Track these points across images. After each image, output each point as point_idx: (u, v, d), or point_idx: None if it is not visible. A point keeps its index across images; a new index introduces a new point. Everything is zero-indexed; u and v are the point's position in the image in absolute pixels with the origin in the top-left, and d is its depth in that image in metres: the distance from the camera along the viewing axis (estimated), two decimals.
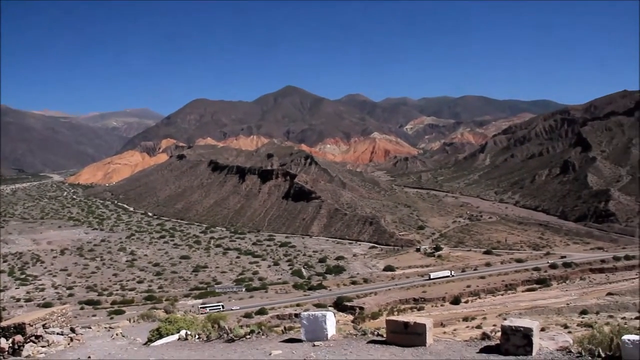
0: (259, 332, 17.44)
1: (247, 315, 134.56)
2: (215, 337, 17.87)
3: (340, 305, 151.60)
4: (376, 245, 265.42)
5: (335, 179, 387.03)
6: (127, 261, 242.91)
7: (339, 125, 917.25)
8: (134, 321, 29.99)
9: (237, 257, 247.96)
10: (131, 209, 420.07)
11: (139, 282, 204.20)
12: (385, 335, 14.85)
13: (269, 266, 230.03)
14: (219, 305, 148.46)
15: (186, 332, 18.71)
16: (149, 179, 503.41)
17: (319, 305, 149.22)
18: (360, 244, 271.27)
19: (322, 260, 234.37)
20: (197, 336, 18.32)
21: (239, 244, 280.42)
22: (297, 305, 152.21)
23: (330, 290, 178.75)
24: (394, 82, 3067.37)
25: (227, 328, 18.08)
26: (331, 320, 15.64)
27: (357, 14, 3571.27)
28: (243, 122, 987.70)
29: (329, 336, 15.42)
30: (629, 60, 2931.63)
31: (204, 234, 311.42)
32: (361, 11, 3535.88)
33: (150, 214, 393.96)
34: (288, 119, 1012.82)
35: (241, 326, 19.80)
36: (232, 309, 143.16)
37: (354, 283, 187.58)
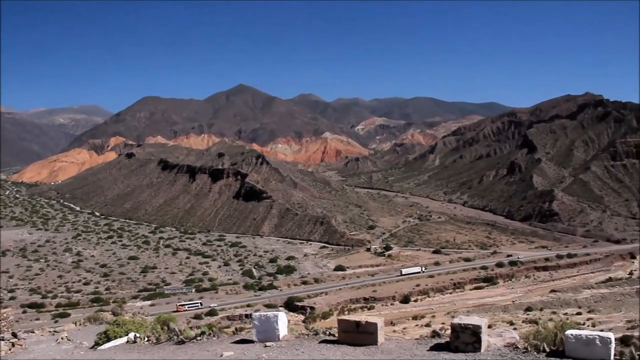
0: (209, 334, 17.24)
1: (197, 317, 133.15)
2: (165, 339, 17.58)
3: (291, 305, 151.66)
4: (327, 245, 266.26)
5: (287, 179, 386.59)
6: (73, 262, 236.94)
7: (290, 124, 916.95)
8: (80, 324, 29.20)
9: (187, 258, 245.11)
10: (78, 208, 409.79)
11: (85, 283, 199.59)
12: (337, 335, 14.89)
13: (219, 267, 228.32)
14: (197, 303, 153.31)
15: (135, 335, 18.36)
16: (97, 178, 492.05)
17: (269, 306, 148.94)
18: (311, 244, 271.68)
19: (273, 261, 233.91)
20: (146, 339, 17.99)
21: (189, 244, 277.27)
22: (248, 305, 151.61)
23: (281, 290, 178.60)
24: (346, 82, 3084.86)
25: (177, 330, 17.83)
26: (283, 321, 15.58)
27: (308, 13, 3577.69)
28: (194, 121, 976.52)
29: (280, 336, 15.36)
30: (573, 65, 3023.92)
31: (153, 234, 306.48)
32: (312, 11, 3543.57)
33: (97, 213, 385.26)
34: (240, 118, 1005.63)
35: (191, 328, 19.55)
36: (209, 307, 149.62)
37: (304, 283, 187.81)
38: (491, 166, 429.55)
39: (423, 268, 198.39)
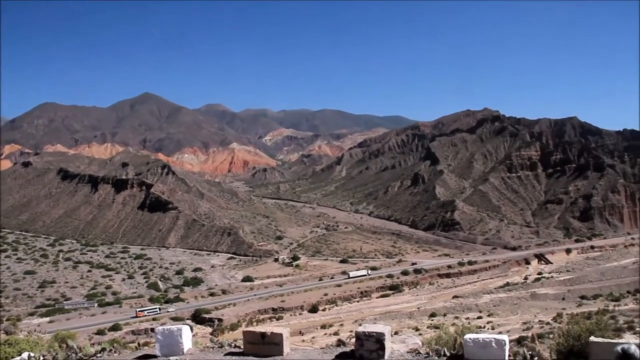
0: (111, 350, 16.63)
1: (100, 332, 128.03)
2: (62, 357, 16.77)
3: (198, 317, 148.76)
4: (235, 256, 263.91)
5: (193, 189, 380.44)
6: None
7: (197, 134, 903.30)
8: None
9: (89, 271, 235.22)
10: None
11: None
12: (242, 347, 14.77)
13: (124, 280, 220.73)
14: (156, 308, 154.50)
15: (29, 355, 17.37)
16: None
17: (176, 319, 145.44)
18: (218, 255, 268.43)
19: (179, 272, 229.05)
20: (41, 358, 17.11)
21: (91, 257, 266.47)
22: (154, 319, 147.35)
23: (188, 302, 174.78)
24: (254, 93, 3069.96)
25: (75, 347, 17.07)
26: (187, 334, 15.28)
27: (214, 20, 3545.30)
28: (97, 129, 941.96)
29: (185, 350, 15.06)
30: (472, 82, 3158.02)
31: (52, 247, 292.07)
32: (217, 19, 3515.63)
33: None
34: (145, 127, 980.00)
35: (92, 344, 18.77)
36: (168, 311, 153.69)
37: (212, 295, 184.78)
38: (396, 177, 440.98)
39: (369, 271, 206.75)
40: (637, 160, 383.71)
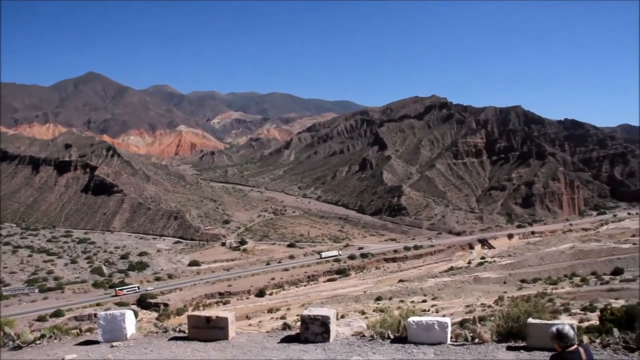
0: (51, 336, 16.21)
1: (41, 319, 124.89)
2: None
3: (144, 302, 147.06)
4: (181, 240, 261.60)
5: (139, 172, 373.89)
6: None
7: (144, 116, 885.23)
8: None
9: (29, 256, 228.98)
10: None
11: None
12: (187, 331, 14.66)
13: (66, 264, 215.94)
14: (136, 287, 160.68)
15: None
16: None
17: (121, 304, 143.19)
18: (164, 239, 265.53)
19: (124, 257, 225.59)
20: None
21: (32, 241, 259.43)
22: (98, 305, 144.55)
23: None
24: (202, 74, 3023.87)
25: (12, 334, 16.58)
26: (130, 319, 15.06)
27: (163, 4, 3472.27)
28: (38, 109, 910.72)
29: (128, 335, 14.84)
30: (421, 69, 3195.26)
31: None
32: (168, 2, 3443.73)
33: None
34: (89, 108, 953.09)
35: (32, 331, 18.29)
36: (147, 290, 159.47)
37: (158, 279, 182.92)
38: (344, 162, 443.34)
39: (339, 251, 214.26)
40: (577, 149, 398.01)
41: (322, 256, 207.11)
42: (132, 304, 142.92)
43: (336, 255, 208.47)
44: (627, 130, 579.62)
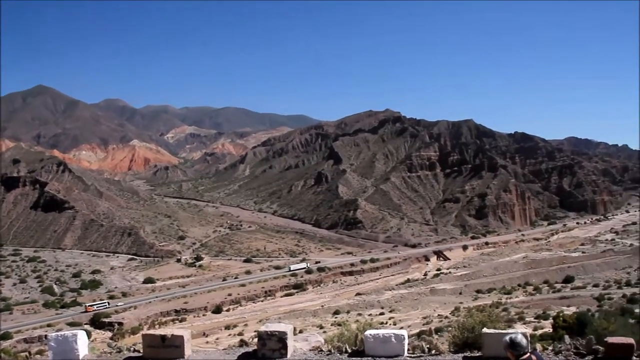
0: None
1: None
2: None
3: (97, 322, 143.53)
4: (135, 257, 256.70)
5: (91, 188, 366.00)
6: None
7: (95, 130, 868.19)
8: None
9: None
10: None
11: None
12: (142, 351, 14.38)
13: (14, 284, 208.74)
14: (105, 302, 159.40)
15: None
16: None
17: (73, 324, 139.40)
18: (118, 256, 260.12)
19: (76, 275, 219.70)
20: None
21: None
22: (49, 325, 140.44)
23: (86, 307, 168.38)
24: (155, 88, 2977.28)
25: None
26: (83, 340, 14.67)
27: (113, 13, 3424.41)
28: None
29: (80, 357, 14.45)
30: (375, 83, 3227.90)
31: None
32: (118, 11, 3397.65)
33: None
34: (39, 122, 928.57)
35: None
36: (117, 305, 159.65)
37: (111, 298, 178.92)
38: (300, 176, 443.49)
39: (307, 264, 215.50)
40: (527, 161, 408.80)
41: (291, 269, 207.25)
42: (85, 324, 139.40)
43: (305, 268, 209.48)
44: (573, 142, 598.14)
